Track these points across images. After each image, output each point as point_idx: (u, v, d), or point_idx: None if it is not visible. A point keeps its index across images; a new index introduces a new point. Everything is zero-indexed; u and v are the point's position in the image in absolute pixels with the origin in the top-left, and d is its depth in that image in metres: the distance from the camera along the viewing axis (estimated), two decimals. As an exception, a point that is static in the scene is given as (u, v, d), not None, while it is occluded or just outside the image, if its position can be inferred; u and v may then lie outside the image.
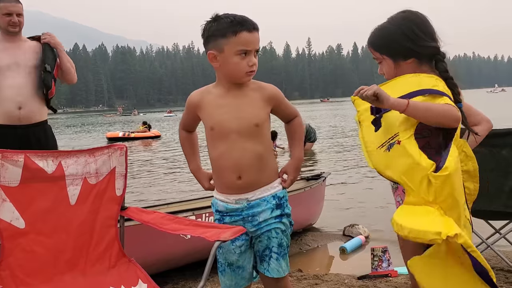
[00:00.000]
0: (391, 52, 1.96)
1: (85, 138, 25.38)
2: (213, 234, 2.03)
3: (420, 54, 1.92)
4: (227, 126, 2.01)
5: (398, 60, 1.95)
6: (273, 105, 2.05)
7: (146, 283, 2.28)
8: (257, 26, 1.96)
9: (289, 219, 2.10)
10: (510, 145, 3.41)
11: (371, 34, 2.04)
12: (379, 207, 6.20)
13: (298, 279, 3.61)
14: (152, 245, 3.44)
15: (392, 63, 1.97)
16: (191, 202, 4.65)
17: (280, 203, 2.05)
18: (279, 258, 2.04)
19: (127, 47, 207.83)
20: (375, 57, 2.03)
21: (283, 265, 2.05)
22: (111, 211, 2.39)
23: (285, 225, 2.07)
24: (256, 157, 2.01)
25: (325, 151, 13.46)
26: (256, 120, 2.00)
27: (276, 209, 2.04)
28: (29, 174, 2.17)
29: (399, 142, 1.75)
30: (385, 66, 2.01)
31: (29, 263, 2.13)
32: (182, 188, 8.71)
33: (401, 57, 1.94)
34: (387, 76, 2.01)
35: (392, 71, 1.97)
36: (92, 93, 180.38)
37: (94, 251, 2.32)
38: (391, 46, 1.95)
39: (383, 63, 2.01)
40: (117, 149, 2.41)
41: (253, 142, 2.00)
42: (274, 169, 2.10)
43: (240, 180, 2.02)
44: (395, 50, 1.94)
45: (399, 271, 3.64)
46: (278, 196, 2.05)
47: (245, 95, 2.03)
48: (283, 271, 2.05)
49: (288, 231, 2.09)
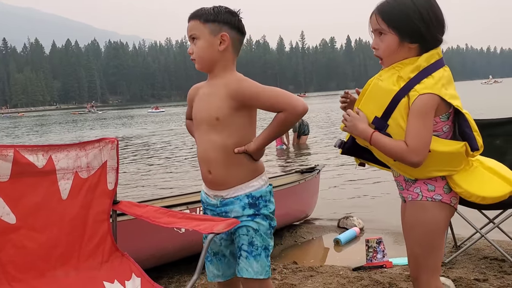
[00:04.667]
0: (401, 28, 1.81)
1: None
2: (206, 227, 2.01)
3: (426, 42, 1.82)
4: (198, 117, 2.06)
5: (404, 39, 1.82)
6: (239, 100, 1.96)
7: (139, 277, 2.27)
8: (193, 14, 1.98)
9: (268, 220, 2.02)
10: (504, 134, 3.42)
11: (385, 3, 1.85)
12: (374, 199, 6.21)
13: (293, 271, 3.61)
14: (146, 239, 3.42)
15: (397, 40, 1.82)
16: (185, 196, 4.63)
17: (254, 202, 2.00)
18: (249, 257, 1.97)
19: (120, 43, 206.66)
20: (378, 28, 1.85)
21: (254, 266, 1.96)
22: (103, 205, 2.37)
23: (259, 224, 1.99)
24: (221, 151, 1.98)
25: (318, 144, 13.46)
26: (216, 114, 1.97)
27: (249, 208, 1.99)
28: (19, 169, 2.13)
29: (429, 151, 1.78)
30: (386, 41, 1.85)
31: (20, 259, 2.11)
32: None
33: (408, 38, 1.81)
34: (382, 53, 1.87)
35: (393, 49, 1.84)
36: (85, 89, 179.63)
37: (87, 246, 2.30)
38: (404, 21, 1.80)
39: (385, 37, 1.85)
40: (108, 142, 2.38)
41: (219, 136, 1.97)
42: (252, 167, 2.02)
43: (211, 174, 2.02)
44: (406, 27, 1.80)
45: (394, 262, 3.64)
46: (253, 196, 2.00)
47: (215, 87, 2.01)
48: (254, 273, 1.96)
49: (263, 231, 1.99)
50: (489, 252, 3.82)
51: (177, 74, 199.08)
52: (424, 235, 1.89)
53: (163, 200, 4.45)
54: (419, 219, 1.89)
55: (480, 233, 3.53)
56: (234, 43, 2.00)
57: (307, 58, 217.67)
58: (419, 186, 1.89)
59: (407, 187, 1.94)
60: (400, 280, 3.24)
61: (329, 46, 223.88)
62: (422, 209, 1.88)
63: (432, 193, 1.87)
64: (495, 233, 3.72)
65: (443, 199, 1.87)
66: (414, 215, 1.91)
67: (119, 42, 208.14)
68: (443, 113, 1.81)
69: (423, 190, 1.88)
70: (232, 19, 1.98)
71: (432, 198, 1.87)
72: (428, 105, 1.75)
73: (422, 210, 1.88)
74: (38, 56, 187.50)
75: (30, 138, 24.75)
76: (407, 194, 1.94)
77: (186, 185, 8.36)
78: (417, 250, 1.91)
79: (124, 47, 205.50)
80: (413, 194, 1.91)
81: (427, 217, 1.88)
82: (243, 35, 2.04)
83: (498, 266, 3.50)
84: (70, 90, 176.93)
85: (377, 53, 1.90)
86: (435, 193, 1.87)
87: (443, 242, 2.03)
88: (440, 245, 1.94)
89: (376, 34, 1.89)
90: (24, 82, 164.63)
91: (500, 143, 3.42)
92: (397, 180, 2.00)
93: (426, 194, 1.88)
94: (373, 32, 1.90)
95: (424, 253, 1.90)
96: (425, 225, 1.88)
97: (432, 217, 1.88)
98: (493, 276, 3.26)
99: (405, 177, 1.93)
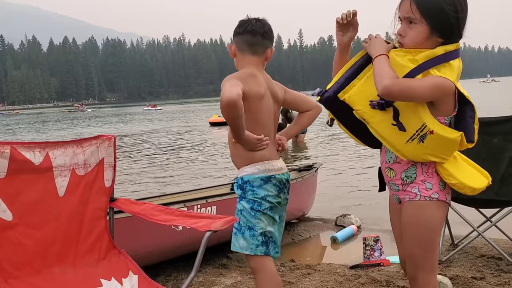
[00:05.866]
0: (435, 21, 1.76)
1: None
2: (204, 224, 2.02)
3: (452, 38, 1.79)
4: None
5: (434, 33, 1.77)
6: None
7: (136, 275, 2.26)
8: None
9: (252, 204, 2.16)
10: (502, 133, 3.42)
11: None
12: (371, 197, 6.22)
13: (291, 269, 3.61)
14: (143, 237, 3.41)
15: (427, 32, 1.78)
16: (182, 194, 4.62)
17: (242, 185, 2.20)
18: (235, 233, 2.19)
19: (117, 40, 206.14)
20: (411, 16, 1.78)
21: (240, 242, 2.16)
22: (100, 202, 2.36)
23: (242, 206, 2.18)
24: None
25: (316, 142, 13.47)
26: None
27: (238, 189, 2.22)
28: (16, 166, 2.12)
29: (432, 132, 1.77)
30: (416, 30, 1.79)
31: (17, 256, 2.10)
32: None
33: (439, 32, 1.77)
34: (409, 41, 1.82)
35: (420, 39, 1.79)
36: (82, 87, 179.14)
37: (84, 243, 2.30)
38: (439, 15, 1.75)
39: (414, 26, 1.79)
40: (105, 139, 2.37)
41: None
42: (244, 156, 2.19)
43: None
44: (440, 21, 1.76)
45: (391, 260, 3.64)
46: (244, 180, 2.19)
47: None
48: (240, 248, 2.16)
49: (246, 213, 2.16)
50: (486, 250, 3.83)
51: (175, 72, 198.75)
52: (423, 234, 1.89)
53: (161, 198, 4.44)
54: (418, 218, 1.88)
55: (477, 232, 3.54)
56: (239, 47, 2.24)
57: (305, 56, 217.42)
58: (417, 186, 1.88)
59: (404, 188, 1.92)
60: (397, 278, 3.25)
61: (327, 45, 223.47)
62: (421, 208, 1.88)
63: (430, 192, 1.87)
64: (492, 232, 3.72)
65: (440, 197, 1.87)
66: (413, 215, 1.90)
67: (116, 39, 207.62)
68: (449, 115, 1.82)
69: (421, 190, 1.87)
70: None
71: (430, 197, 1.87)
72: (445, 85, 1.74)
73: (421, 210, 1.88)
74: (36, 53, 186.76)
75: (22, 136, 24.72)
76: (404, 194, 1.93)
77: (183, 182, 8.36)
78: (416, 249, 1.91)
79: (122, 45, 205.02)
80: (410, 194, 1.90)
81: (426, 216, 1.87)
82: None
83: (495, 264, 3.51)
84: (67, 87, 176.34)
85: (402, 40, 1.85)
86: (433, 191, 1.87)
87: (439, 240, 2.03)
88: (437, 243, 1.94)
89: (405, 21, 1.83)
90: (22, 79, 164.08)
91: (497, 142, 3.42)
92: (391, 181, 1.97)
93: (424, 194, 1.87)
94: (403, 19, 1.84)
95: (422, 253, 1.90)
96: (425, 225, 1.88)
97: (431, 216, 1.87)
98: (490, 274, 3.27)
99: (402, 177, 1.92)
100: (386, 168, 1.97)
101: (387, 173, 1.98)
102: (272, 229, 2.18)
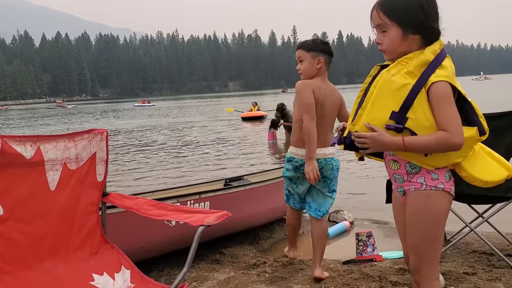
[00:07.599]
0: (403, 20, 1.82)
1: None
2: (197, 219, 2.00)
3: (427, 33, 1.83)
4: None
5: (408, 31, 1.82)
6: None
7: (129, 270, 2.25)
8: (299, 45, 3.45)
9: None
10: (493, 130, 3.42)
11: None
12: (364, 193, 6.22)
13: (284, 265, 3.61)
14: (136, 232, 3.40)
15: (400, 33, 1.83)
16: (176, 189, 4.61)
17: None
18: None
19: (110, 35, 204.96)
20: (381, 23, 1.86)
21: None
22: (92, 197, 2.35)
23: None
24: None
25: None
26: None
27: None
28: (7, 159, 2.10)
29: None
30: (390, 35, 1.85)
31: (8, 250, 2.08)
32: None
33: (411, 29, 1.82)
34: (387, 47, 1.88)
35: (397, 42, 1.84)
36: (75, 83, 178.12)
37: (76, 237, 2.28)
38: (405, 12, 1.82)
39: (387, 32, 1.86)
40: (97, 133, 2.35)
41: None
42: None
43: None
44: (408, 19, 1.81)
45: (384, 256, 3.66)
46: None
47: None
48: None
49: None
50: (478, 246, 3.85)
51: (168, 68, 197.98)
52: (427, 225, 1.89)
53: (154, 193, 4.42)
54: (423, 208, 1.88)
55: (470, 227, 3.55)
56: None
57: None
58: (422, 176, 1.89)
59: (409, 179, 1.92)
60: (390, 273, 3.25)
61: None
62: (427, 198, 1.88)
63: (436, 182, 1.87)
64: (484, 227, 3.75)
65: (445, 188, 1.88)
66: (418, 205, 1.90)
67: (109, 35, 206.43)
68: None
69: (427, 179, 1.87)
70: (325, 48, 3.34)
71: (436, 187, 1.87)
72: (447, 90, 1.79)
73: (426, 199, 1.88)
74: (28, 49, 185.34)
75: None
76: (409, 185, 1.93)
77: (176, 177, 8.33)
78: (420, 241, 1.91)
79: (115, 40, 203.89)
80: (416, 184, 1.90)
81: (431, 206, 1.87)
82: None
83: (486, 259, 3.53)
84: (60, 83, 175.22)
85: (381, 48, 1.90)
86: (439, 181, 1.87)
87: (443, 232, 2.04)
88: (441, 235, 1.95)
89: (378, 29, 1.89)
90: (14, 74, 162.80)
91: (489, 138, 3.42)
92: (396, 173, 1.97)
93: (430, 183, 1.87)
94: (376, 28, 1.90)
95: (427, 244, 1.90)
96: (430, 215, 1.88)
97: (436, 205, 1.87)
98: (481, 269, 3.29)
99: (407, 169, 1.92)
100: (390, 161, 1.97)
101: (390, 165, 1.97)
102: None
